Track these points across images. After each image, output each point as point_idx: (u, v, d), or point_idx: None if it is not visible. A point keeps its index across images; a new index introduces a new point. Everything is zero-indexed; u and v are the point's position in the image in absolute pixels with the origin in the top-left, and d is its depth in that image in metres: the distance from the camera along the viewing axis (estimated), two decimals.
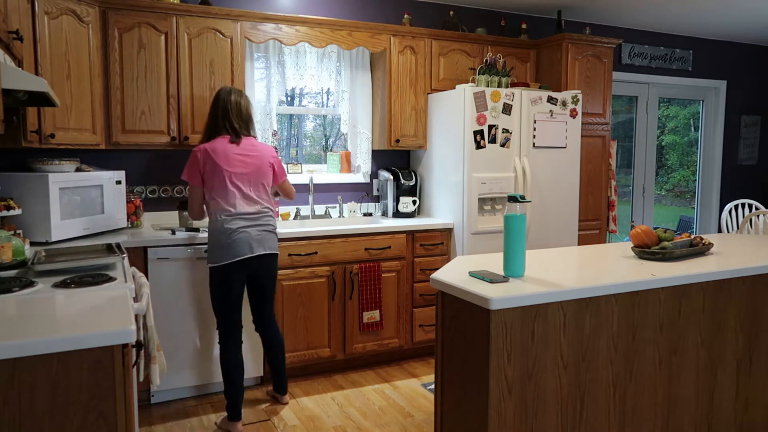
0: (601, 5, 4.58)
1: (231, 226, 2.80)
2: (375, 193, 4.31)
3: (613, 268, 2.34)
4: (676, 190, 6.24)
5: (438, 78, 4.08)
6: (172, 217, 3.70)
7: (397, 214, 4.09)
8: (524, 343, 1.93)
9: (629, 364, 2.18)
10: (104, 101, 3.23)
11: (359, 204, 4.22)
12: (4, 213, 2.66)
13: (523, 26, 4.50)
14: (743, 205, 5.76)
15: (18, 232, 2.75)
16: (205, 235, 3.18)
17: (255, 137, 3.02)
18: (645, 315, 2.19)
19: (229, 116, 2.90)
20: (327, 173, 4.21)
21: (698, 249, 2.58)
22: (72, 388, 1.44)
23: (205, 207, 2.92)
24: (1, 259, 2.23)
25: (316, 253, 3.49)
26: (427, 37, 4.02)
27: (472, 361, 1.97)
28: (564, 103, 4.00)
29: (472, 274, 2.11)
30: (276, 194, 3.24)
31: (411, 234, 3.76)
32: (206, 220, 2.98)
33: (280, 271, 3.39)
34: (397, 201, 4.10)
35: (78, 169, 3.20)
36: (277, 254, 3.01)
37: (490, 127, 3.76)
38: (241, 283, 2.91)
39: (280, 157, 4.01)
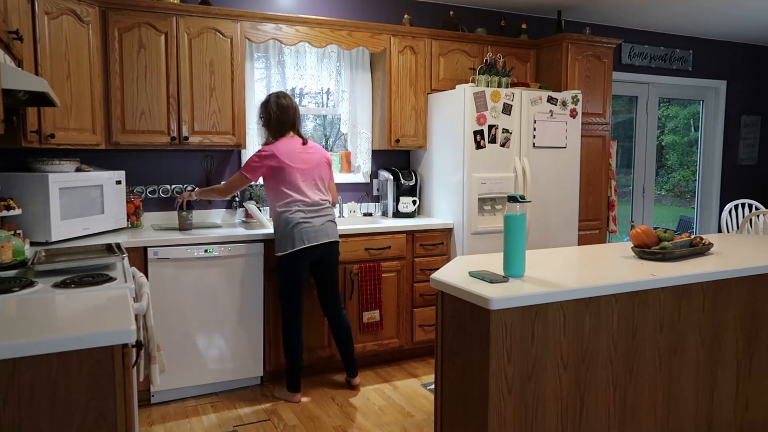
0: (601, 5, 4.58)
1: (296, 217, 3.08)
2: (375, 193, 4.31)
3: (613, 268, 2.34)
4: (676, 190, 6.25)
5: (438, 78, 4.08)
6: (172, 217, 3.70)
7: (397, 214, 4.09)
8: (524, 343, 1.93)
9: (629, 364, 2.18)
10: (104, 101, 3.23)
11: (359, 204, 4.22)
12: (4, 213, 2.66)
13: (523, 26, 4.50)
14: (743, 205, 5.76)
15: (18, 232, 2.75)
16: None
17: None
18: (645, 315, 2.19)
19: (293, 118, 3.18)
20: None
21: (698, 249, 2.58)
22: (72, 388, 1.44)
23: (270, 200, 3.18)
24: (1, 259, 2.23)
25: None
26: (427, 37, 4.02)
27: (472, 361, 1.97)
28: (564, 103, 4.00)
29: (472, 274, 2.11)
30: None
31: (411, 234, 3.76)
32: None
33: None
34: (397, 201, 4.10)
35: (78, 169, 3.20)
36: (339, 242, 3.27)
37: (490, 127, 3.76)
38: (305, 271, 3.16)
39: None
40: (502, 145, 3.82)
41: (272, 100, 3.17)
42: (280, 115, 3.15)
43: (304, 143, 3.20)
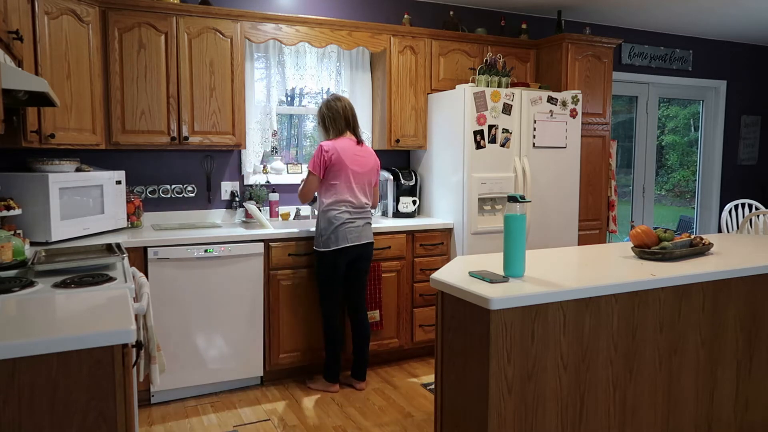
0: (601, 5, 4.58)
1: (342, 217, 3.20)
2: None
3: (613, 268, 2.34)
4: (676, 190, 6.25)
5: (438, 78, 4.08)
6: (172, 217, 3.70)
7: (397, 214, 4.09)
8: (524, 343, 1.93)
9: (629, 364, 2.18)
10: (104, 101, 3.23)
11: None
12: (4, 213, 2.67)
13: (523, 26, 4.50)
14: (743, 205, 5.76)
15: (18, 232, 2.75)
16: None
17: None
18: (645, 315, 2.19)
19: (347, 118, 3.29)
20: None
21: (698, 249, 2.58)
22: (72, 388, 1.44)
23: (317, 196, 3.31)
24: (1, 259, 2.23)
25: None
26: (427, 37, 4.02)
27: (472, 361, 1.97)
28: (564, 103, 4.00)
29: (472, 274, 2.11)
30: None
31: (411, 234, 3.76)
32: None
33: (279, 271, 3.39)
34: (397, 201, 4.10)
35: (78, 169, 3.20)
36: (373, 242, 3.40)
37: (490, 127, 3.76)
38: (344, 267, 3.28)
39: (279, 157, 4.06)
40: (502, 145, 3.82)
41: (323, 105, 3.31)
42: (333, 116, 3.28)
43: (359, 143, 3.30)
